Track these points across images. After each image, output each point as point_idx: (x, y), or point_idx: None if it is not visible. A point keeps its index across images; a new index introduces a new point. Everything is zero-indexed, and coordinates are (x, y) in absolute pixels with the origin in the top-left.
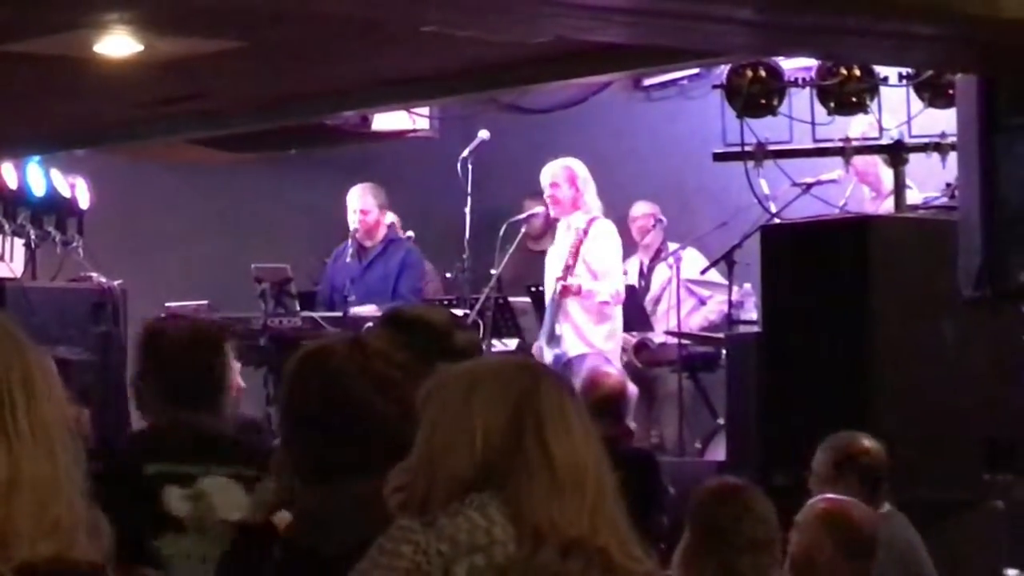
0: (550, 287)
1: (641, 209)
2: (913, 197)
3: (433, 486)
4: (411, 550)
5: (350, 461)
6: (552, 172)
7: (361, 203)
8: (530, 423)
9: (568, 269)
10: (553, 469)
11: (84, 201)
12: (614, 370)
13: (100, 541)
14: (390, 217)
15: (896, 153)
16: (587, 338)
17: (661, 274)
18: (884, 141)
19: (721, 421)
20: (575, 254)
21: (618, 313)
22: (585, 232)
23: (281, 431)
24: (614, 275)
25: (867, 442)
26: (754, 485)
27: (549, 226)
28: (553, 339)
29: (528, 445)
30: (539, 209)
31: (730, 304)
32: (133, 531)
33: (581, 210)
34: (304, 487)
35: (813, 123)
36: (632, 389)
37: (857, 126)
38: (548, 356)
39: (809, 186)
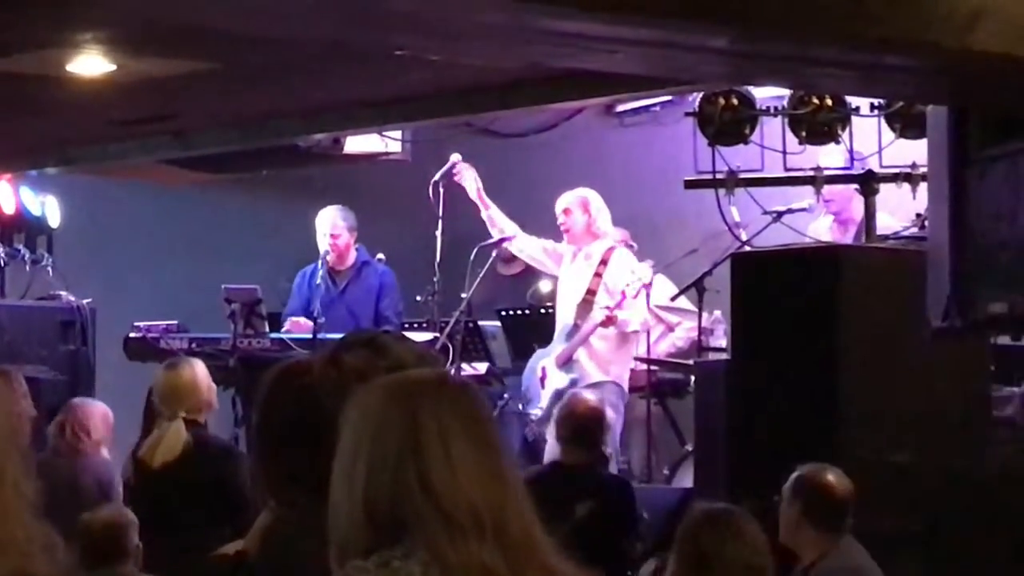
0: (566, 311)
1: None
2: (889, 223)
3: (342, 540)
4: None
5: (321, 479)
6: (565, 200)
7: (331, 226)
8: (412, 472)
9: (592, 295)
10: (442, 511)
11: (54, 219)
12: (592, 396)
13: (56, 557)
14: None
15: (866, 183)
16: (606, 365)
17: None
18: (855, 171)
19: (689, 447)
20: (597, 283)
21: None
22: (604, 262)
23: (255, 447)
24: (640, 304)
25: (831, 476)
26: (744, 511)
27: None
28: (568, 363)
29: (415, 497)
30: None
31: (700, 331)
32: None
33: (599, 238)
34: (272, 508)
35: (784, 152)
36: (609, 415)
37: (836, 158)
38: (562, 380)
39: (780, 214)
